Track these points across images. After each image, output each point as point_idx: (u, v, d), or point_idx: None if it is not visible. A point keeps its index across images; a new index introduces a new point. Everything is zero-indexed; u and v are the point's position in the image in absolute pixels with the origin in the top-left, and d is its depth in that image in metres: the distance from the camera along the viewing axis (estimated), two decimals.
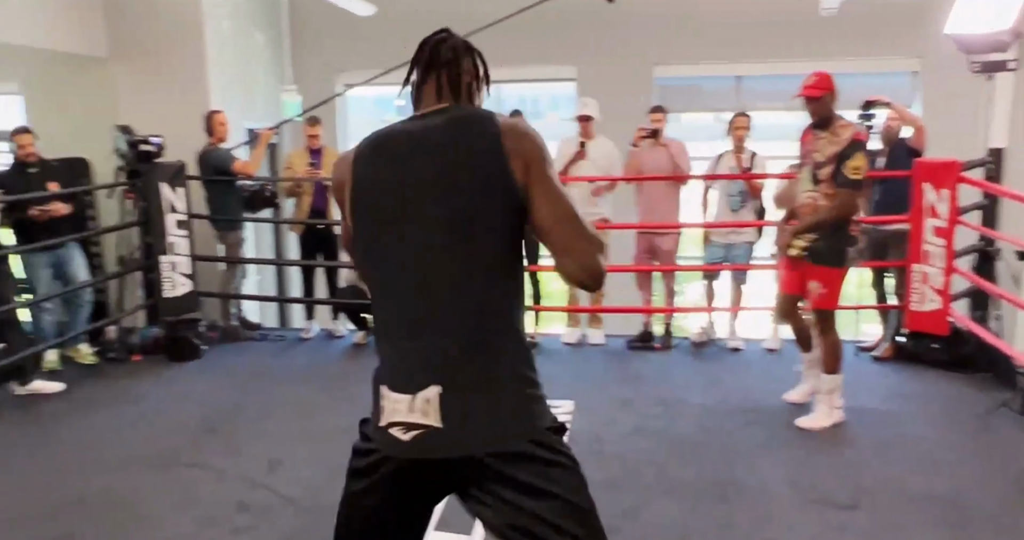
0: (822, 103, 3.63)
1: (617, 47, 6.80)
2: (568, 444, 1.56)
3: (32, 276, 4.88)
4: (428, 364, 1.45)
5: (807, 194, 3.70)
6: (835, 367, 3.75)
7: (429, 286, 1.46)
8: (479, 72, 1.63)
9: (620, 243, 5.57)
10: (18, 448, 3.81)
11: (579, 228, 1.48)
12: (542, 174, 1.48)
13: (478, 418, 1.45)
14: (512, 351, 1.50)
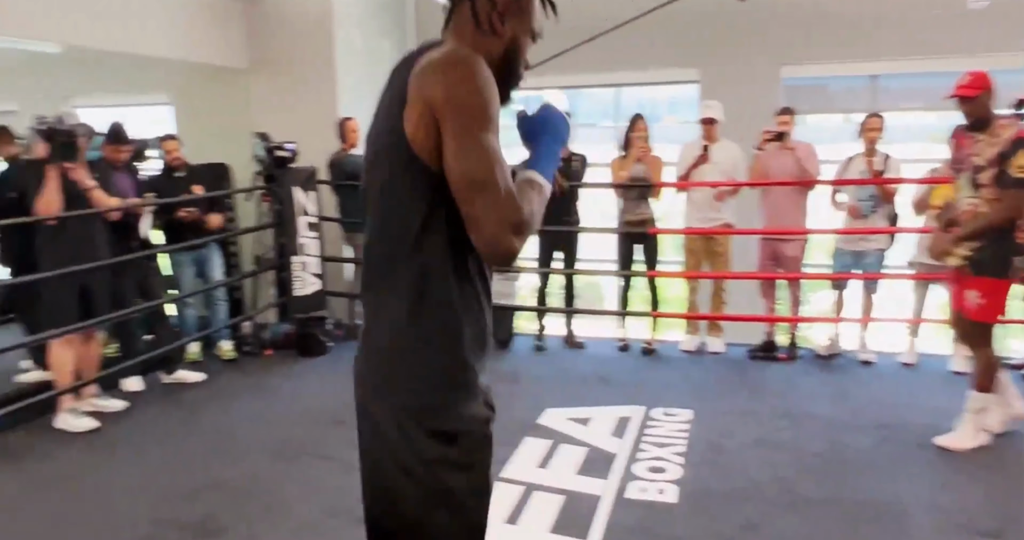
0: (978, 103, 3.36)
1: (743, 47, 6.60)
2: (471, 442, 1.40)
3: (177, 274, 5.24)
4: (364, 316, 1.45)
5: (968, 201, 3.45)
6: (987, 385, 3.47)
7: (368, 248, 1.42)
8: (522, 2, 1.40)
9: (743, 249, 5.41)
10: (163, 432, 4.10)
11: (485, 198, 1.25)
12: (448, 121, 1.26)
13: (360, 372, 1.43)
14: (413, 328, 1.35)
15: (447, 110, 1.25)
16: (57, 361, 4.06)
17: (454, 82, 1.26)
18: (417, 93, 1.28)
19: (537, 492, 3.21)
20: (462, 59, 1.28)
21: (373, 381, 1.40)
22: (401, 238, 1.34)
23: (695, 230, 5.26)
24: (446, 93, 1.25)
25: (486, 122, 1.27)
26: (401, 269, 1.34)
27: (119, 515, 3.11)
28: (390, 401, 1.36)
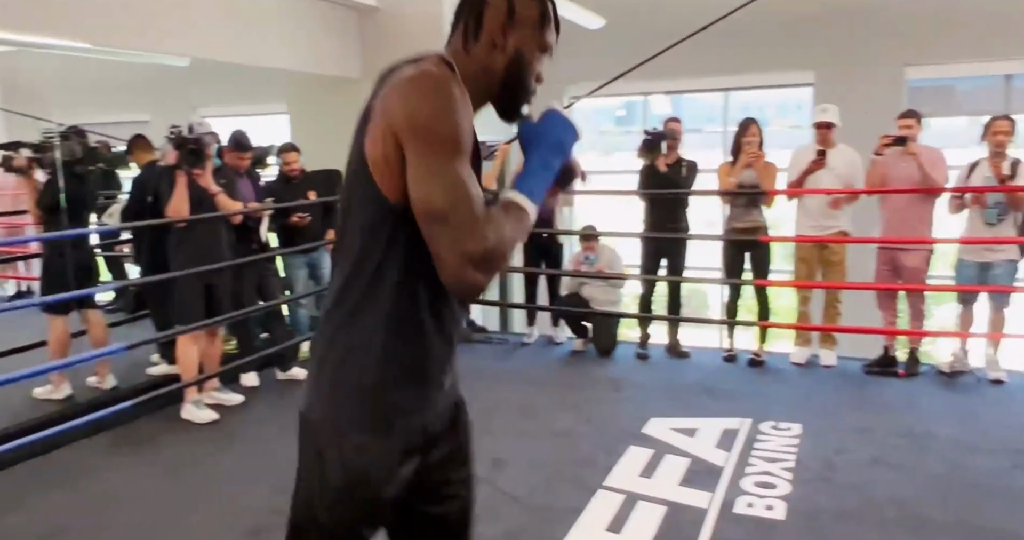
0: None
1: (864, 48, 6.34)
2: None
3: (291, 275, 5.47)
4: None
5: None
6: None
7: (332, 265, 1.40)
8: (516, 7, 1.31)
9: (861, 258, 5.18)
10: (278, 426, 4.27)
11: (445, 233, 1.18)
12: (408, 147, 1.18)
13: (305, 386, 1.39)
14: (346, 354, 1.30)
15: (409, 134, 1.18)
16: (184, 355, 4.31)
17: (418, 104, 1.18)
18: (381, 114, 1.21)
19: (641, 502, 3.17)
20: (429, 78, 1.20)
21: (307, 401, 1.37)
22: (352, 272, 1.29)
23: (809, 238, 5.07)
24: (408, 115, 1.18)
25: (450, 147, 1.19)
26: (342, 288, 1.30)
27: (237, 504, 3.27)
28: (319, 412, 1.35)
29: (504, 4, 1.30)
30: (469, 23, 1.32)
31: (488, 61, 1.32)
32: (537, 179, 1.32)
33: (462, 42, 1.33)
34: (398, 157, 1.20)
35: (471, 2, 1.33)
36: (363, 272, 1.27)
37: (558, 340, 5.95)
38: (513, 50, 1.32)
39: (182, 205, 4.18)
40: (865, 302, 5.15)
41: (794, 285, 5.35)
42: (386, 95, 1.21)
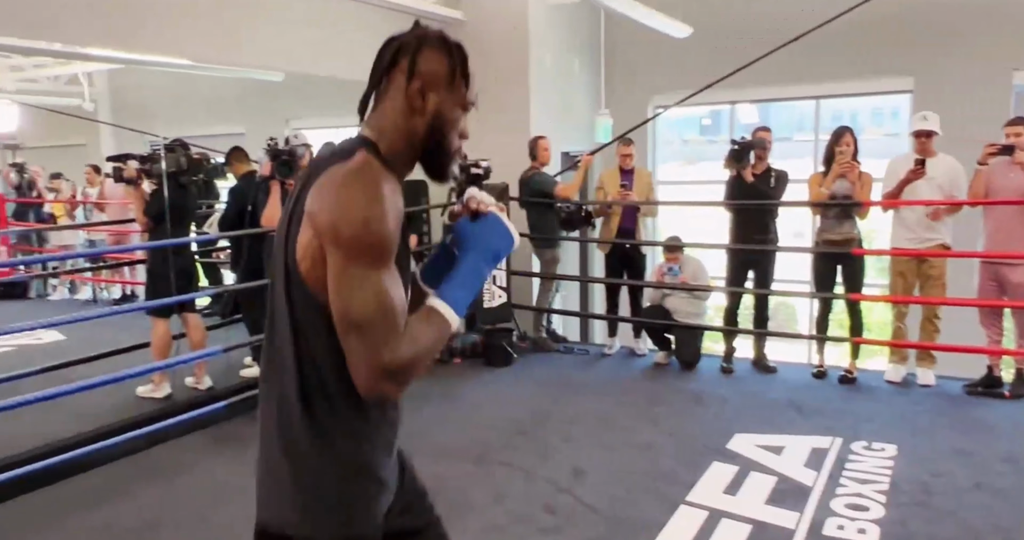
0: None
1: (967, 52, 6.05)
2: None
3: None
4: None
5: None
6: None
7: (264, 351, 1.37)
8: (432, 69, 1.30)
9: (962, 273, 4.93)
10: None
11: (359, 344, 1.18)
12: (331, 253, 1.18)
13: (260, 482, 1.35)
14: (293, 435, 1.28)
15: (332, 244, 1.18)
16: None
17: (343, 213, 1.16)
18: (308, 218, 1.21)
19: (725, 519, 3.10)
20: (356, 183, 1.19)
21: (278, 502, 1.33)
22: (292, 356, 1.27)
23: (906, 251, 4.86)
24: (333, 225, 1.17)
25: (375, 256, 1.18)
26: (292, 387, 1.28)
27: None
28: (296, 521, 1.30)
29: (416, 67, 1.29)
30: (387, 89, 1.31)
31: (410, 126, 1.31)
32: (465, 288, 1.32)
33: (383, 112, 1.32)
34: (322, 263, 1.21)
35: (382, 68, 1.32)
36: (314, 384, 1.26)
37: (640, 352, 5.88)
38: (432, 112, 1.31)
39: (275, 214, 4.35)
40: (966, 319, 4.89)
41: (891, 300, 5.13)
42: (313, 197, 1.21)
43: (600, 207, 5.87)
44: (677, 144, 9.84)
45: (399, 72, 1.30)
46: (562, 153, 6.65)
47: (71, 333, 6.10)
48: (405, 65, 1.29)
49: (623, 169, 5.78)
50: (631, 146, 5.78)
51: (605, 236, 5.92)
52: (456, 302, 1.29)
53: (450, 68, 1.32)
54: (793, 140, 9.34)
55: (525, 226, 6.06)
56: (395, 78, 1.31)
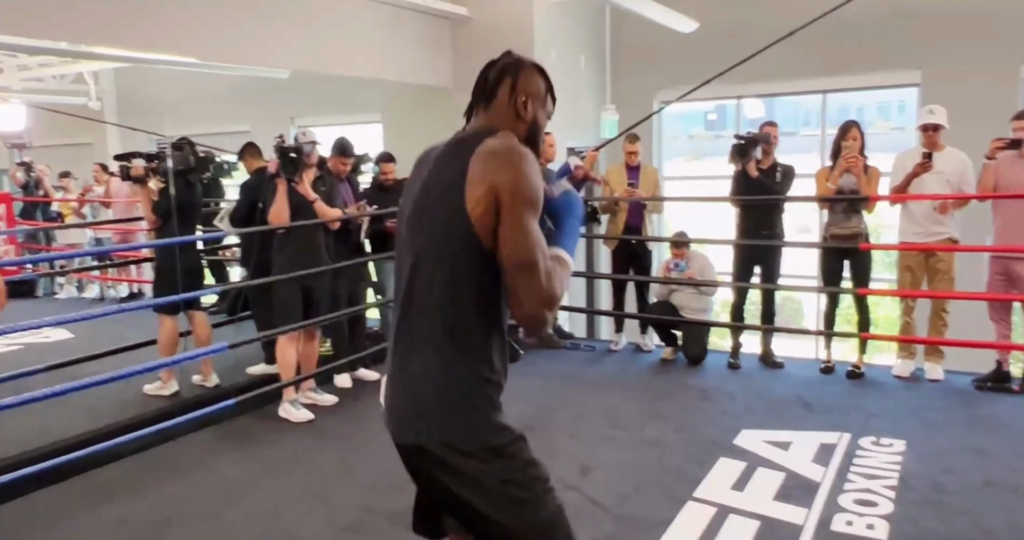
0: None
1: (974, 47, 6.02)
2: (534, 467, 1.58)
3: (383, 280, 5.61)
4: (393, 361, 1.62)
5: None
6: None
7: (403, 300, 1.59)
8: (532, 85, 1.66)
9: (970, 267, 4.91)
10: (369, 426, 4.37)
11: (529, 280, 1.46)
12: (507, 207, 1.47)
13: (402, 412, 1.58)
14: (443, 365, 1.53)
15: (509, 196, 1.47)
16: (282, 356, 4.47)
17: (518, 172, 1.48)
18: (482, 176, 1.48)
19: (733, 516, 3.09)
20: (523, 153, 1.51)
21: (423, 424, 1.54)
22: (447, 300, 1.52)
23: (914, 246, 4.84)
24: (512, 180, 1.47)
25: (536, 210, 1.50)
26: (442, 326, 1.53)
27: (332, 501, 3.36)
28: (452, 437, 1.53)
29: (524, 83, 1.65)
30: (498, 100, 1.64)
31: (516, 127, 1.64)
32: (571, 242, 1.67)
33: (494, 116, 1.64)
34: (494, 213, 1.48)
35: (495, 82, 1.65)
36: (466, 321, 1.53)
37: (646, 348, 5.88)
38: (531, 119, 1.66)
39: (282, 211, 4.35)
40: (975, 313, 4.87)
41: (899, 294, 5.11)
42: (487, 161, 1.49)
43: (607, 203, 5.85)
44: (683, 139, 9.81)
45: (505, 87, 1.64)
46: (568, 148, 6.64)
47: (78, 331, 6.13)
48: (511, 82, 1.64)
49: (629, 166, 5.76)
50: (637, 143, 5.76)
51: (612, 232, 5.91)
52: (569, 250, 1.64)
53: (544, 87, 1.70)
54: (800, 135, 9.30)
55: None
56: (501, 93, 1.64)
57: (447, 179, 1.53)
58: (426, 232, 1.55)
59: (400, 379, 1.59)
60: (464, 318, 1.53)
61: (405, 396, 1.57)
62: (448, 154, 1.57)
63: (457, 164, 1.52)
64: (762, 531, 2.97)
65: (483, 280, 1.52)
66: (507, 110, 1.64)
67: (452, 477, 1.52)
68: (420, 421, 1.54)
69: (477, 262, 1.50)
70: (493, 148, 1.51)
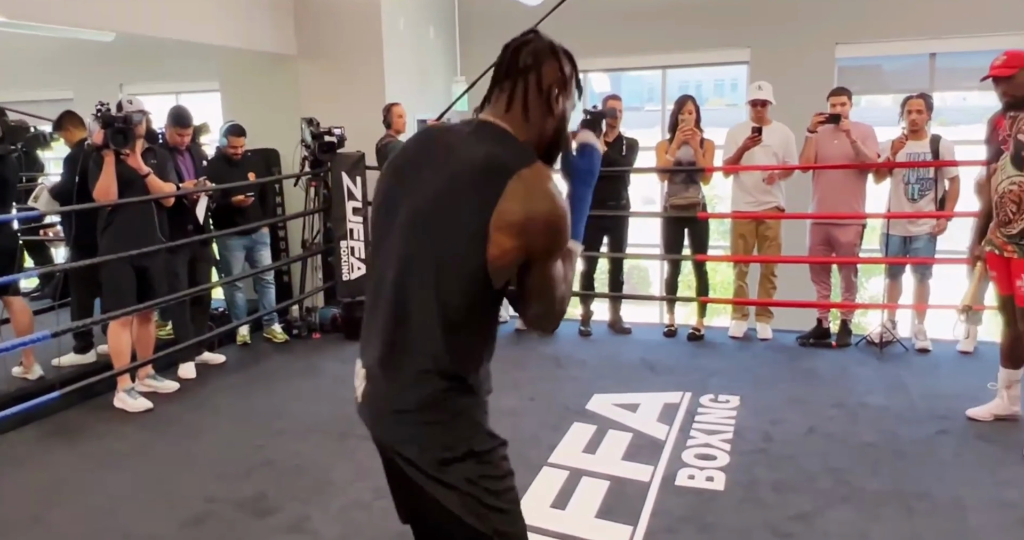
0: (1017, 83, 3.27)
1: (796, 27, 6.43)
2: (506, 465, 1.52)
3: (227, 258, 5.32)
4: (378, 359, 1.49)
5: (1009, 180, 3.32)
6: None
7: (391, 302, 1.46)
8: (564, 76, 1.49)
9: (794, 233, 5.30)
10: (215, 413, 4.19)
11: (550, 306, 1.46)
12: (539, 260, 1.40)
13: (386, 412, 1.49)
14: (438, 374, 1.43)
15: (545, 238, 1.38)
16: (115, 342, 4.17)
17: (558, 233, 1.40)
18: (515, 228, 1.35)
19: (585, 478, 3.21)
20: (564, 208, 1.40)
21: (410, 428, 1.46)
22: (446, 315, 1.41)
23: (745, 214, 5.17)
24: (550, 243, 1.39)
25: (563, 252, 1.44)
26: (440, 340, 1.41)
27: (174, 493, 3.19)
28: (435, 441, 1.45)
29: (559, 74, 1.47)
30: (530, 92, 1.46)
31: (543, 125, 1.48)
32: (580, 217, 1.58)
33: (522, 110, 1.47)
34: (515, 255, 1.38)
35: (526, 68, 1.46)
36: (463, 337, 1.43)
37: (502, 319, 5.94)
38: (560, 113, 1.50)
39: (110, 186, 4.02)
40: (800, 276, 5.28)
41: (732, 260, 5.45)
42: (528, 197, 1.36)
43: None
44: None
45: (533, 76, 1.46)
46: (418, 120, 6.53)
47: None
48: (545, 71, 1.46)
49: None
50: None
51: None
52: (579, 235, 1.56)
53: (571, 75, 1.50)
54: (644, 110, 9.65)
55: None
56: (530, 81, 1.46)
57: (476, 202, 1.37)
58: (433, 241, 1.41)
59: (386, 380, 1.48)
60: (460, 329, 1.43)
61: (391, 398, 1.47)
62: (479, 169, 1.39)
63: (492, 188, 1.36)
64: (612, 490, 3.10)
65: (483, 309, 1.45)
66: (536, 103, 1.46)
67: (428, 479, 1.45)
68: (404, 427, 1.46)
69: (480, 292, 1.41)
70: (531, 186, 1.37)
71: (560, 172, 1.59)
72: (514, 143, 1.45)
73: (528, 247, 1.38)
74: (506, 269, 1.40)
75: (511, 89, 1.47)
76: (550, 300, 1.45)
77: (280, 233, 6.39)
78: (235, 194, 5.06)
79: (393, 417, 1.48)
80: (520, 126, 1.47)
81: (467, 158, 1.41)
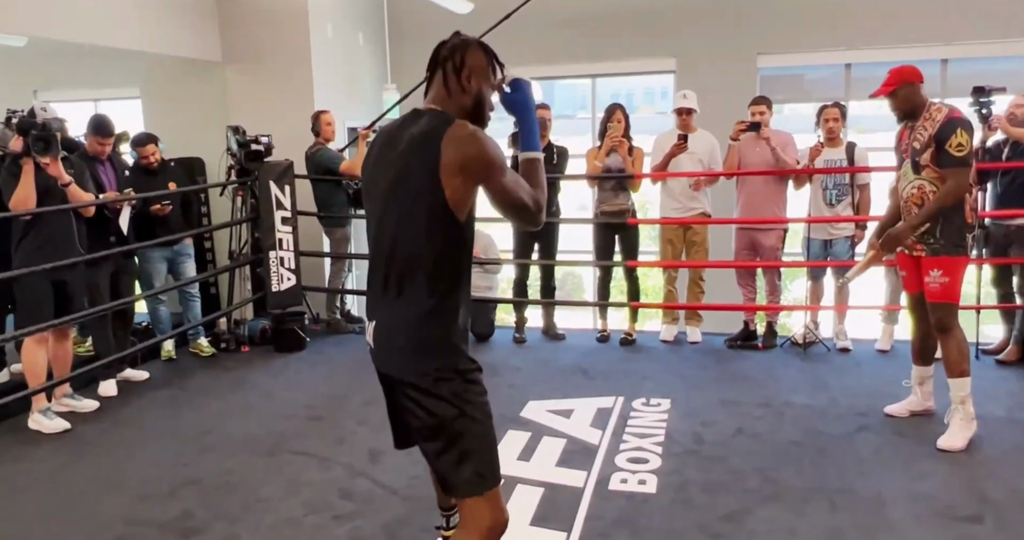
0: (901, 97, 3.47)
1: (719, 38, 6.62)
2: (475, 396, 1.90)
3: (148, 270, 5.13)
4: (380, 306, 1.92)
5: (911, 185, 3.49)
6: (963, 369, 3.46)
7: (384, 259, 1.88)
8: (477, 61, 1.89)
9: (721, 238, 5.43)
10: (138, 431, 4.04)
11: (521, 212, 1.85)
12: (486, 180, 1.80)
13: (388, 348, 1.90)
14: (423, 308, 1.83)
15: (484, 173, 1.79)
16: (29, 359, 3.98)
17: (483, 153, 1.78)
18: (455, 163, 1.76)
19: (520, 485, 3.21)
20: (479, 135, 1.80)
21: (401, 342, 1.87)
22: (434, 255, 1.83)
23: (673, 220, 5.27)
24: (482, 162, 1.78)
25: (505, 167, 1.83)
26: (432, 274, 1.83)
27: (92, 516, 3.05)
28: (427, 365, 1.85)
29: (468, 59, 1.89)
30: (448, 76, 1.89)
31: (461, 101, 1.90)
32: (532, 133, 1.98)
33: (445, 91, 1.90)
34: (471, 192, 1.81)
35: (444, 59, 1.90)
36: (442, 274, 1.83)
37: None
38: (475, 91, 1.91)
39: (28, 196, 3.85)
40: (727, 280, 5.41)
41: (662, 265, 5.55)
42: (459, 147, 1.76)
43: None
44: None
45: (451, 64, 1.88)
46: (348, 128, 6.47)
47: None
48: (458, 59, 1.88)
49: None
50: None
51: None
52: (535, 145, 1.96)
53: (487, 61, 1.92)
54: (576, 117, 9.75)
55: (312, 205, 5.85)
56: (449, 68, 1.88)
57: (424, 164, 1.78)
58: (403, 200, 1.83)
59: (384, 321, 1.89)
60: (439, 272, 1.83)
61: (389, 334, 1.88)
62: (419, 141, 1.82)
63: (431, 150, 1.78)
64: (546, 497, 3.11)
65: (455, 243, 1.84)
66: (455, 83, 1.88)
67: (421, 393, 1.84)
68: (400, 355, 1.87)
69: (449, 228, 1.82)
70: (457, 138, 1.78)
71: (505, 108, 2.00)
72: (441, 115, 1.86)
73: (474, 177, 1.79)
74: (464, 201, 1.80)
75: (437, 77, 1.91)
76: (518, 204, 1.84)
77: (206, 244, 6.22)
78: (153, 203, 4.90)
79: (393, 350, 1.88)
80: (446, 103, 1.90)
81: (412, 136, 1.85)
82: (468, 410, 1.87)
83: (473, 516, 1.94)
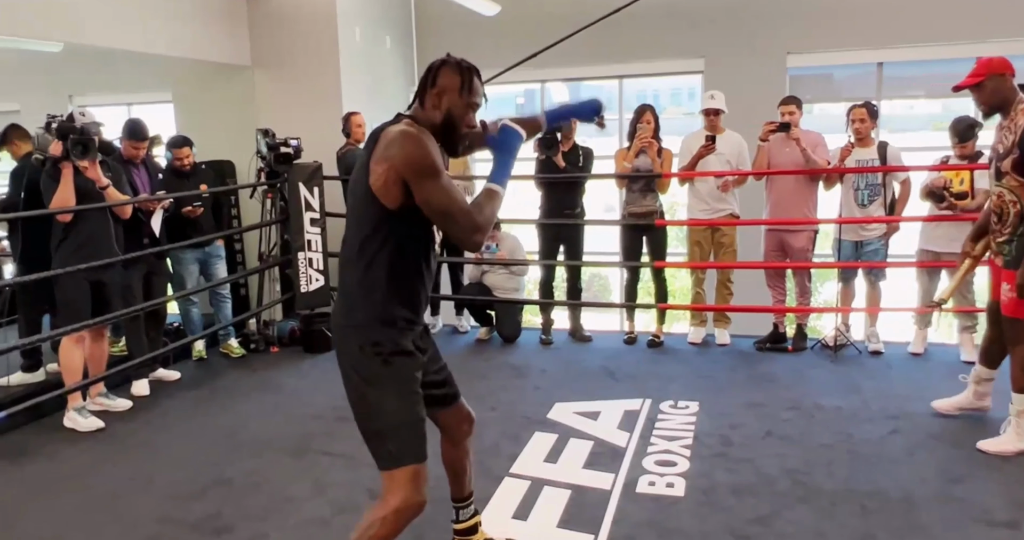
0: (988, 90, 3.25)
1: (748, 37, 6.56)
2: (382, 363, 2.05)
3: (180, 272, 5.22)
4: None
5: (993, 192, 3.34)
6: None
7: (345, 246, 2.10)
8: (450, 82, 2.01)
9: (750, 240, 5.38)
10: (169, 431, 4.10)
11: (449, 221, 1.94)
12: (410, 179, 1.91)
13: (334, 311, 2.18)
14: (350, 290, 2.07)
15: (408, 171, 1.91)
16: (67, 359, 4.06)
17: (406, 152, 1.91)
18: (381, 157, 1.93)
19: (547, 487, 3.20)
20: (411, 135, 1.93)
21: (339, 320, 2.11)
22: (360, 240, 2.04)
23: (701, 221, 5.23)
24: (404, 159, 1.91)
25: (433, 173, 1.92)
26: (358, 257, 2.04)
27: (125, 515, 3.11)
28: (349, 332, 2.08)
29: (440, 79, 2.03)
30: (426, 92, 2.05)
31: (432, 117, 2.04)
32: (502, 171, 2.09)
33: (420, 105, 2.07)
34: (396, 183, 1.93)
35: (424, 76, 2.06)
36: (369, 262, 2.02)
37: (462, 329, 5.94)
38: (445, 109, 2.03)
39: (68, 199, 3.94)
40: (755, 282, 5.36)
41: (689, 266, 5.51)
42: (386, 145, 1.93)
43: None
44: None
45: (429, 82, 2.04)
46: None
47: None
48: (431, 79, 2.04)
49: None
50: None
51: None
52: (500, 180, 2.07)
53: (460, 81, 2.03)
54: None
55: (341, 206, 5.89)
56: (427, 85, 2.05)
57: (365, 158, 1.99)
58: (353, 196, 2.06)
59: (335, 305, 2.16)
60: (364, 260, 2.02)
61: (333, 313, 2.17)
62: (371, 138, 2.00)
63: (371, 145, 1.98)
64: (573, 499, 3.10)
65: (382, 233, 1.99)
66: (429, 100, 2.04)
67: (349, 370, 2.08)
68: (334, 333, 2.13)
69: (377, 216, 1.98)
70: (390, 134, 1.94)
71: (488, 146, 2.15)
72: (402, 117, 2.04)
73: (397, 170, 1.91)
74: (387, 189, 1.93)
75: (418, 92, 2.08)
76: (444, 211, 1.93)
77: (236, 246, 6.30)
78: (184, 205, 4.97)
79: (333, 328, 2.14)
80: (419, 114, 2.06)
81: (370, 137, 2.02)
82: (383, 387, 2.06)
83: (385, 491, 2.10)
